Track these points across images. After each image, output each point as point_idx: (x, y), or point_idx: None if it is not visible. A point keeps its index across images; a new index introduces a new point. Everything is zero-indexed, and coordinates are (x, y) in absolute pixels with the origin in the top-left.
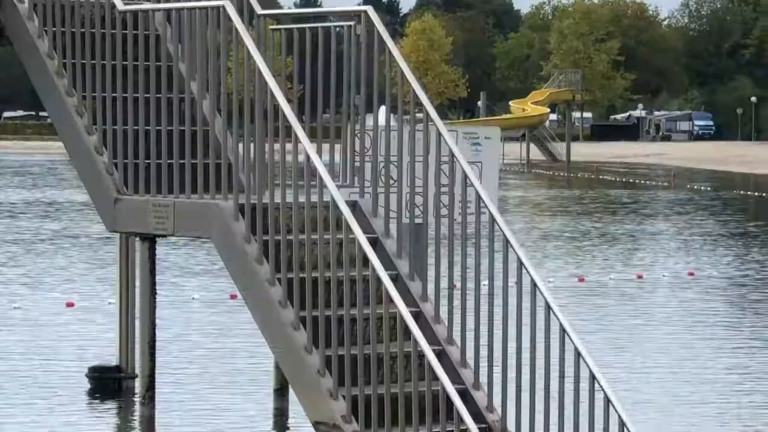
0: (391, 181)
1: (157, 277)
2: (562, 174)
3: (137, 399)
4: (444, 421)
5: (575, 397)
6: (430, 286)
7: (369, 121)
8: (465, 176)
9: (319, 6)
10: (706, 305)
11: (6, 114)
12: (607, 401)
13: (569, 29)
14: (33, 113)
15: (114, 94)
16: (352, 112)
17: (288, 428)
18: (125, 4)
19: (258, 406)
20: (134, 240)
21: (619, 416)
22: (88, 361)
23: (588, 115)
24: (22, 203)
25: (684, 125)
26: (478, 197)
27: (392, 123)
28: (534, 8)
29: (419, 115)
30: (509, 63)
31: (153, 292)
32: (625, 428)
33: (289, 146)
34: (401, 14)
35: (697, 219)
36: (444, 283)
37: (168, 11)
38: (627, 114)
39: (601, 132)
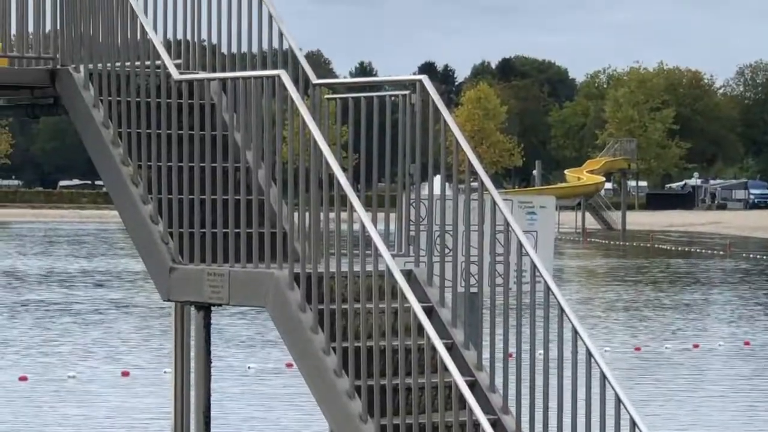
0: (447, 250)
1: (213, 347)
2: (617, 243)
3: None
4: None
5: None
6: (485, 355)
7: (424, 190)
8: (520, 245)
9: (374, 75)
10: (763, 375)
11: (62, 183)
12: None
13: (624, 98)
14: (89, 182)
15: (169, 164)
16: (407, 180)
17: None
18: (181, 73)
19: None
20: (189, 309)
21: None
22: (144, 431)
23: (643, 183)
24: (78, 272)
25: (740, 194)
26: (534, 266)
27: (447, 192)
28: (589, 77)
29: (474, 184)
30: (564, 132)
31: (208, 362)
32: None
33: (344, 215)
34: (456, 83)
35: (753, 288)
36: (499, 353)
37: (223, 80)
38: (682, 182)
39: (657, 201)
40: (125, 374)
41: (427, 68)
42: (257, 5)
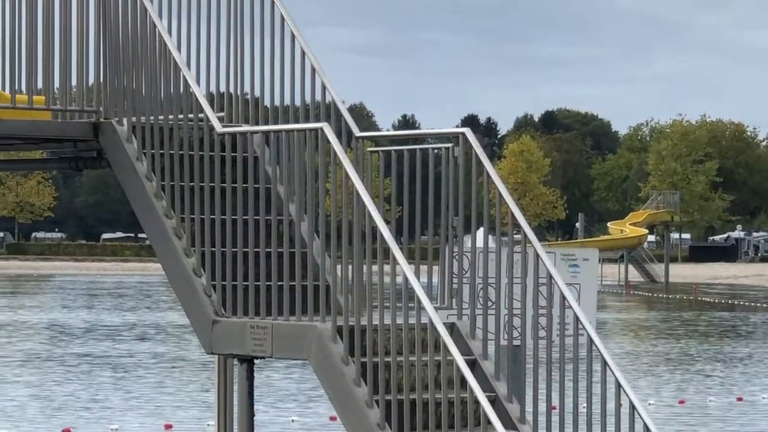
0: (489, 303)
1: (256, 399)
2: (660, 295)
3: None
4: None
5: None
6: (529, 408)
7: (467, 242)
8: (563, 298)
9: (417, 128)
10: None
11: (105, 235)
12: None
13: (667, 150)
14: (132, 235)
15: (212, 216)
16: (450, 233)
17: None
18: (224, 126)
19: None
20: (232, 362)
21: None
22: None
23: (686, 236)
24: (121, 325)
25: None
26: (576, 319)
27: (490, 244)
28: (632, 129)
29: (517, 237)
30: (607, 184)
31: (251, 414)
32: None
33: (387, 268)
34: (499, 135)
35: None
36: (542, 406)
37: (266, 133)
38: (725, 235)
39: (700, 253)
40: (168, 427)
41: (470, 121)
42: (300, 58)
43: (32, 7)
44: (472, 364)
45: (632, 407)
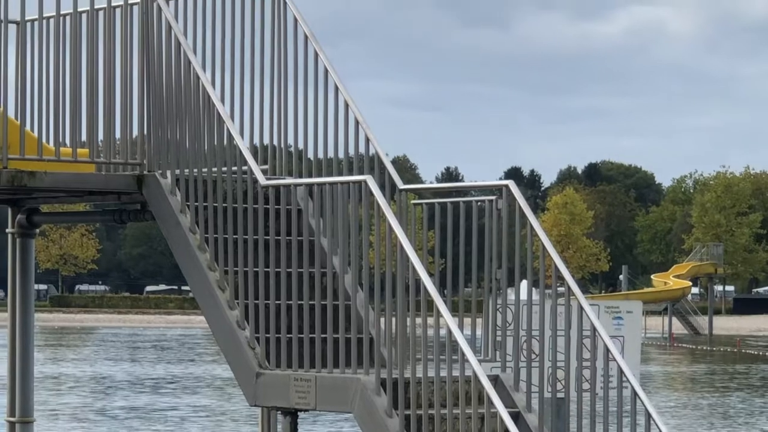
0: (533, 356)
1: None
2: (704, 348)
3: None
4: None
5: None
6: None
7: (511, 295)
8: (607, 350)
9: (461, 180)
10: None
11: (148, 288)
12: None
13: (711, 203)
14: (175, 287)
15: (256, 269)
16: (494, 285)
17: None
18: (267, 178)
19: None
20: (276, 414)
21: None
22: None
23: (730, 288)
24: (165, 378)
25: None
26: (620, 371)
27: (534, 297)
28: (675, 182)
29: (561, 289)
30: (651, 236)
31: None
32: None
33: (430, 320)
34: (543, 188)
35: None
36: None
37: (310, 186)
38: None
39: (744, 305)
40: None
41: (514, 173)
42: (343, 110)
43: (76, 59)
44: (516, 417)
45: None
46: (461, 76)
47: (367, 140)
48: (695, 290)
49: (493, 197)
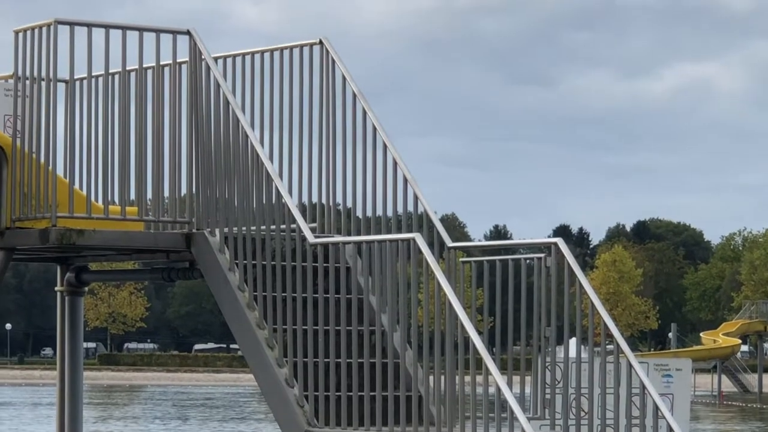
0: (582, 413)
1: None
2: (754, 406)
3: None
4: None
5: None
6: None
7: (560, 352)
8: (656, 408)
9: (509, 238)
10: None
11: (197, 346)
12: None
13: (760, 260)
14: (224, 345)
15: (305, 327)
16: (543, 343)
17: None
18: (316, 236)
19: None
20: None
21: None
22: None
23: None
24: None
25: None
26: (670, 430)
27: (583, 355)
28: (724, 239)
29: (610, 347)
30: (700, 294)
31: None
32: None
33: (479, 378)
34: (591, 246)
35: None
36: None
37: (359, 244)
38: None
39: None
40: None
41: (562, 231)
42: (392, 168)
43: (125, 118)
44: None
45: None
46: (509, 133)
47: (416, 198)
48: (745, 348)
49: (542, 255)
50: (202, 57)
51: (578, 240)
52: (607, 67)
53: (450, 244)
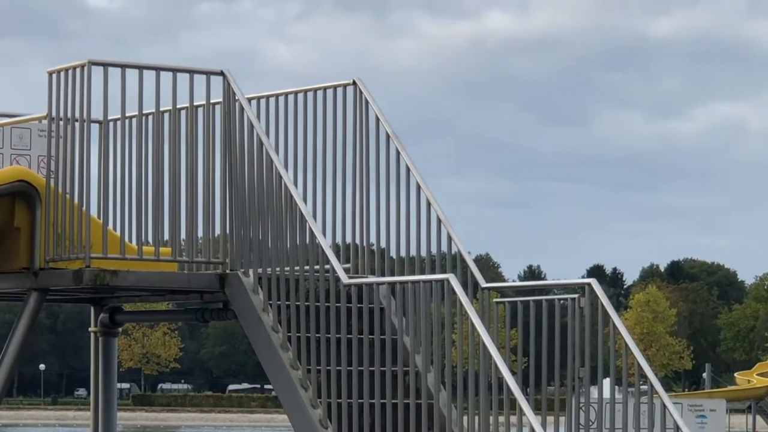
0: None
1: None
2: None
3: None
4: None
5: None
6: None
7: (594, 393)
8: None
9: (543, 278)
10: None
11: (231, 387)
12: None
13: None
14: (258, 386)
15: (339, 368)
16: (577, 384)
17: None
18: (350, 277)
19: None
20: None
21: None
22: None
23: None
24: None
25: None
26: None
27: (617, 395)
28: (758, 279)
29: (644, 387)
30: (734, 334)
31: None
32: None
33: (513, 419)
34: (625, 286)
35: None
36: None
37: (393, 284)
38: None
39: None
40: None
41: (596, 271)
42: (426, 209)
43: (158, 158)
44: None
45: None
46: (542, 173)
47: (449, 238)
48: None
49: (576, 295)
50: (236, 98)
51: (612, 280)
52: (639, 107)
53: (484, 284)
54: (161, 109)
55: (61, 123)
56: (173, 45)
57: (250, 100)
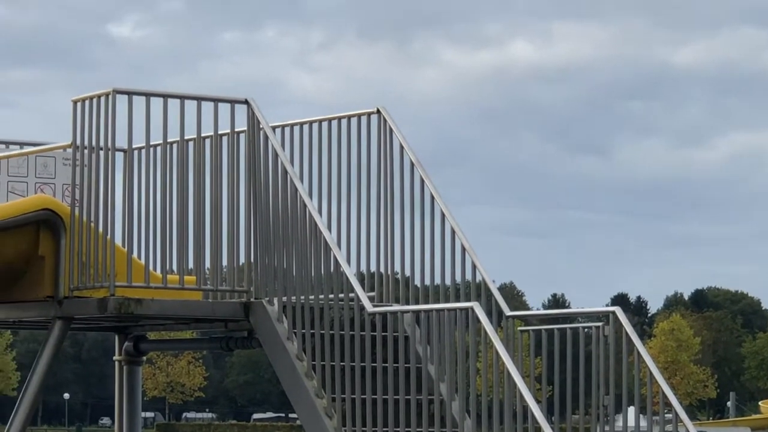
0: None
1: None
2: None
3: None
4: None
5: None
6: None
7: (618, 421)
8: None
9: (567, 307)
10: None
11: (256, 415)
12: None
13: None
14: (282, 414)
15: (363, 396)
16: (602, 412)
17: None
18: (374, 305)
19: None
20: None
21: None
22: None
23: None
24: None
25: None
26: None
27: (642, 423)
28: None
29: (668, 416)
30: (758, 362)
31: None
32: None
33: None
34: (649, 314)
35: None
36: None
37: (417, 313)
38: None
39: None
40: None
41: (620, 300)
42: (450, 238)
43: (183, 187)
44: None
45: None
46: (566, 202)
47: (474, 267)
48: None
49: (600, 324)
50: (261, 126)
51: (636, 309)
52: (662, 136)
53: (508, 312)
54: (186, 137)
55: (86, 151)
56: (195, 74)
57: (274, 128)
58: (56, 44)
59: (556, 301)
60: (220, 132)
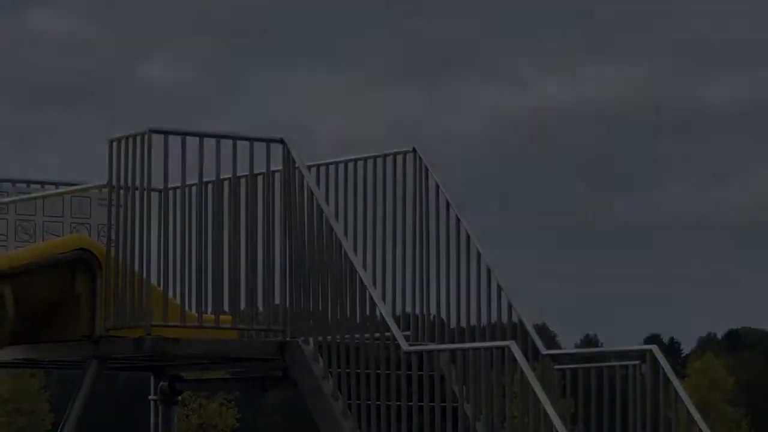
0: None
1: None
2: None
3: None
4: None
5: None
6: None
7: None
8: None
9: (600, 347)
10: None
11: None
12: None
13: None
14: None
15: None
16: None
17: None
18: (410, 344)
19: None
20: None
21: None
22: None
23: None
24: None
25: None
26: None
27: None
28: None
29: None
30: None
31: None
32: None
33: None
34: (683, 354)
35: None
36: None
37: (453, 351)
38: None
39: None
40: None
41: (653, 340)
42: (486, 277)
43: (218, 226)
44: None
45: None
46: (597, 242)
47: (510, 306)
48: None
49: (636, 362)
50: (296, 165)
51: (669, 349)
52: (694, 176)
53: (544, 351)
54: (221, 176)
55: (122, 192)
56: (227, 114)
57: (309, 167)
58: (91, 86)
59: (589, 342)
60: (255, 171)
